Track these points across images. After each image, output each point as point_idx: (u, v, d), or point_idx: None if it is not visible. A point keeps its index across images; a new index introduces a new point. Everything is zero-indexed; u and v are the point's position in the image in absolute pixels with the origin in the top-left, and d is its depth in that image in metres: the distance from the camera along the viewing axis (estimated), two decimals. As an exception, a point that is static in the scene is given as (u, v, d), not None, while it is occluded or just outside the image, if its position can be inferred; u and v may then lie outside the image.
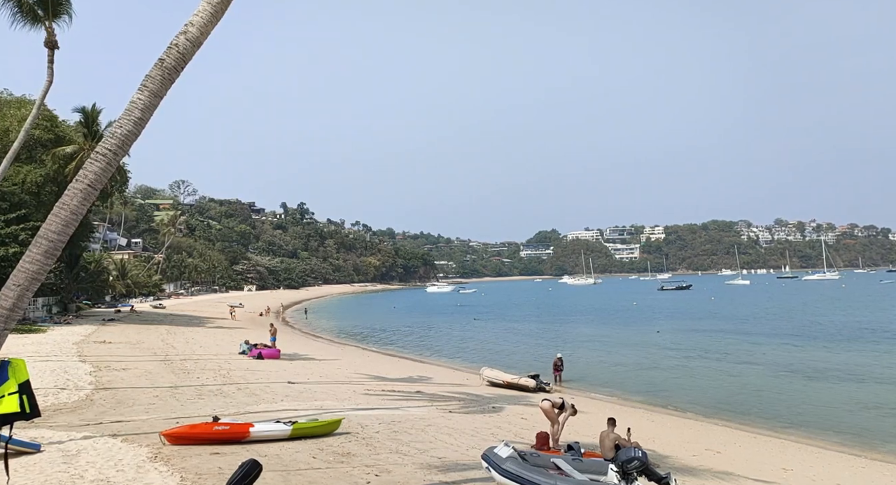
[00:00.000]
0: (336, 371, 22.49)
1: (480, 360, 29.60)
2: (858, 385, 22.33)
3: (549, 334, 44.43)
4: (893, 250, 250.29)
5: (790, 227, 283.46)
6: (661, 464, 10.05)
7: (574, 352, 34.45)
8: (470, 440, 11.37)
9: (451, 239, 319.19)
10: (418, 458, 9.50)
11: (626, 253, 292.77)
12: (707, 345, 34.98)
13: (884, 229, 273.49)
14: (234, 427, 9.66)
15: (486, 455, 7.85)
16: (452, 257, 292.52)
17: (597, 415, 14.54)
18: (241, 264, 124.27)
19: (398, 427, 11.92)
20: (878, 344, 32.95)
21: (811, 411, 18.72)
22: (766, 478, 10.80)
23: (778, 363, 27.57)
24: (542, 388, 21.03)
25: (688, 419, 18.19)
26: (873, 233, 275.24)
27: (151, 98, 7.29)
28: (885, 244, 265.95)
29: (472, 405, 16.38)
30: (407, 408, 14.68)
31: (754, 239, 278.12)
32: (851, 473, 12.36)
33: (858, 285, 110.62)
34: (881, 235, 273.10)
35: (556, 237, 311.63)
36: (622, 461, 8.29)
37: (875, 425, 17.08)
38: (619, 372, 27.11)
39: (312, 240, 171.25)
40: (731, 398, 20.97)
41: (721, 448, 13.41)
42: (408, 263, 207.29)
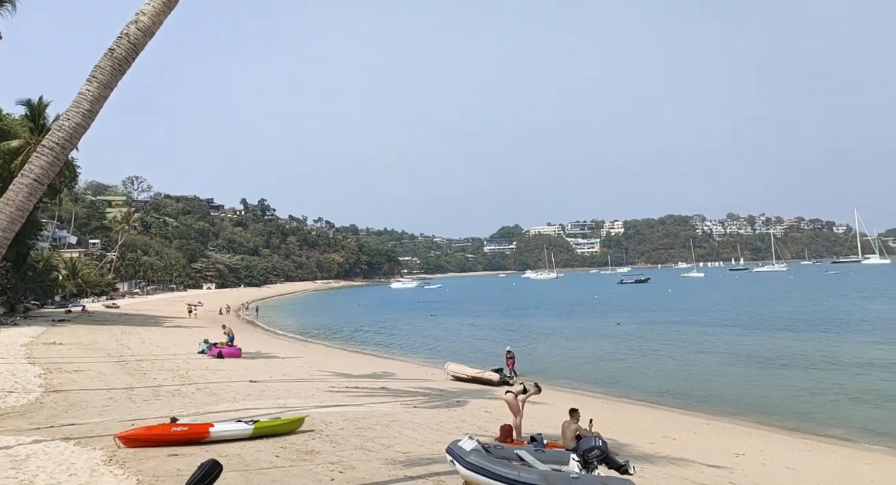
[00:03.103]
0: (299, 369, 22.23)
1: (445, 355, 29.71)
2: (805, 371, 23.30)
3: (513, 328, 44.90)
4: (837, 243, 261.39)
5: (741, 221, 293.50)
6: (620, 452, 10.29)
7: (537, 345, 34.96)
8: (434, 435, 11.42)
9: (415, 235, 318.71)
10: (383, 453, 9.49)
11: (587, 247, 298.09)
12: (665, 336, 35.95)
13: (828, 222, 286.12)
14: (193, 428, 9.45)
15: (450, 449, 7.89)
16: (417, 253, 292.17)
17: (559, 406, 14.77)
18: (200, 262, 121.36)
19: (362, 424, 11.87)
20: (824, 332, 34.45)
21: (761, 398, 19.46)
22: (719, 463, 11.19)
23: (730, 352, 28.55)
24: (506, 381, 21.22)
25: (646, 408, 18.67)
26: (819, 226, 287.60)
27: (101, 89, 7.04)
28: (829, 237, 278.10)
29: (436, 400, 16.44)
30: (371, 404, 14.63)
31: (708, 233, 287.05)
32: (799, 455, 12.92)
33: (805, 277, 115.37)
34: (826, 228, 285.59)
35: (519, 233, 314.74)
36: (583, 451, 8.47)
37: (819, 408, 17.87)
38: (581, 364, 27.62)
39: (274, 237, 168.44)
40: (686, 387, 21.61)
41: (677, 435, 13.82)
42: (372, 260, 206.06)
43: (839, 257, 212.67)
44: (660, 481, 9.24)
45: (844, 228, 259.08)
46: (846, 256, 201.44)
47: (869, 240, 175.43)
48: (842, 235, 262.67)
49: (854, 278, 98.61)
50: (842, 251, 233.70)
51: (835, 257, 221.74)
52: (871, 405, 17.89)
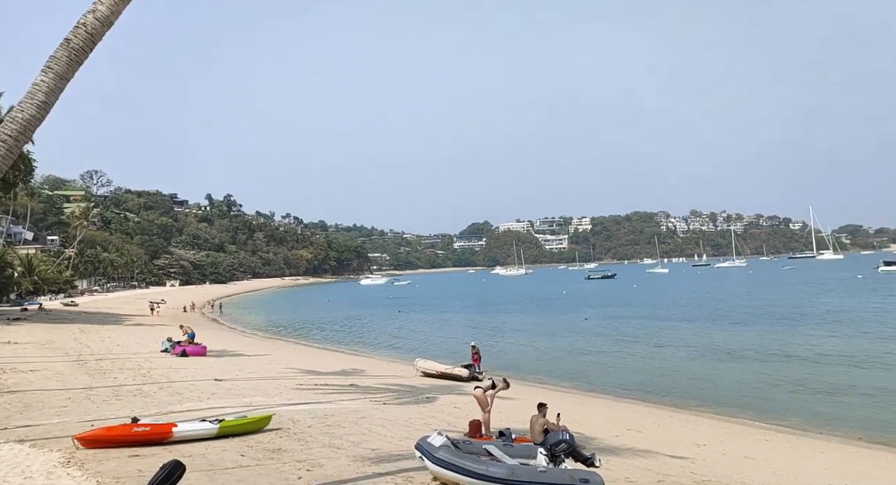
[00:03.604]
0: (266, 367, 21.94)
1: (415, 351, 29.73)
2: (761, 364, 24.04)
3: (483, 324, 45.14)
4: (794, 239, 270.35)
5: (704, 217, 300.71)
6: (587, 445, 10.47)
7: (506, 340, 35.24)
8: (403, 431, 11.41)
9: (384, 231, 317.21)
10: (351, 451, 9.44)
11: (556, 244, 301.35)
12: (630, 330, 36.64)
13: (785, 219, 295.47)
14: (156, 428, 9.25)
15: (419, 445, 7.90)
16: (386, 249, 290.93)
17: (527, 401, 14.90)
18: (163, 259, 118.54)
19: (331, 421, 11.79)
20: (779, 326, 35.59)
21: (721, 390, 20.01)
22: (682, 454, 11.47)
23: (692, 346, 29.27)
24: (475, 377, 21.32)
25: (612, 401, 19.01)
26: (776, 222, 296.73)
27: (57, 81, 6.80)
28: (786, 233, 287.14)
29: (406, 396, 16.43)
30: (340, 401, 14.54)
31: (672, 229, 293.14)
32: (756, 444, 13.34)
33: (763, 272, 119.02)
34: (783, 225, 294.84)
35: (489, 229, 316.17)
36: (551, 444, 8.58)
37: (775, 399, 18.48)
38: (550, 359, 27.95)
39: (240, 233, 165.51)
40: (651, 380, 22.09)
41: (642, 428, 14.12)
42: (341, 256, 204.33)
43: (795, 253, 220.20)
44: (625, 472, 9.43)
45: (800, 224, 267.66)
46: (802, 252, 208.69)
47: (823, 236, 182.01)
48: (798, 231, 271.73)
49: (808, 273, 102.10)
50: (798, 247, 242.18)
51: (791, 253, 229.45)
52: (822, 396, 18.57)
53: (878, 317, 37.22)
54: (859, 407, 17.10)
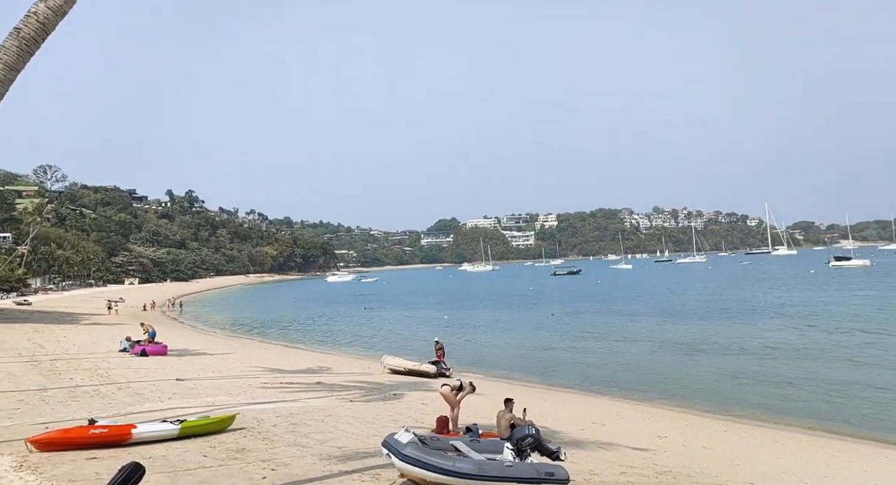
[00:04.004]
0: (230, 366, 21.55)
1: (382, 348, 29.62)
2: (720, 357, 24.76)
3: (450, 320, 45.26)
4: (751, 235, 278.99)
5: (666, 214, 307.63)
6: (552, 439, 10.61)
7: (473, 336, 35.41)
8: (371, 428, 11.37)
9: (351, 228, 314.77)
10: (318, 449, 9.37)
11: (522, 240, 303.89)
12: (595, 326, 37.26)
13: (743, 216, 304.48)
14: (114, 429, 8.99)
15: (386, 442, 7.89)
16: (353, 246, 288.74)
17: (494, 396, 15.04)
18: (121, 256, 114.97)
19: (297, 420, 11.67)
20: (736, 320, 36.70)
21: (682, 383, 20.54)
22: (644, 446, 11.74)
23: (654, 340, 29.94)
24: (443, 373, 21.39)
25: (577, 396, 19.31)
26: (734, 219, 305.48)
27: (6, 71, 6.52)
28: (744, 229, 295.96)
29: (373, 393, 16.36)
30: (306, 400, 14.39)
31: (636, 226, 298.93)
32: (715, 435, 13.74)
33: (722, 267, 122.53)
34: (741, 222, 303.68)
35: (456, 225, 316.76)
36: (517, 439, 8.67)
37: (735, 391, 19.05)
38: (516, 354, 28.22)
39: (203, 229, 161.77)
40: (615, 374, 22.51)
41: (606, 421, 14.39)
42: (307, 253, 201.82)
43: (752, 249, 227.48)
44: (589, 465, 9.60)
45: (757, 221, 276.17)
46: (758, 248, 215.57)
47: (778, 232, 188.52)
48: (754, 228, 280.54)
49: (764, 268, 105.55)
50: (754, 243, 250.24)
51: (748, 249, 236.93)
52: (776, 387, 19.22)
53: (828, 311, 38.70)
54: (810, 397, 17.77)
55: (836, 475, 10.36)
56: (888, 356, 22.75)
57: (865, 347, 24.88)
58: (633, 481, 8.80)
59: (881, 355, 23.06)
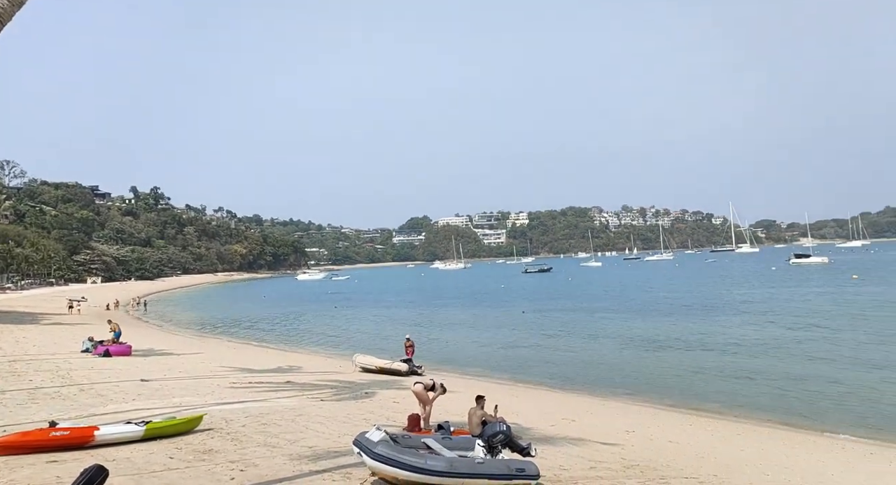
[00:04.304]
0: (198, 365, 21.16)
1: (353, 346, 29.46)
2: (686, 353, 25.31)
3: (422, 318, 45.25)
4: (716, 233, 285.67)
5: (634, 212, 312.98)
6: (523, 435, 10.70)
7: (445, 334, 35.48)
8: (342, 427, 11.31)
9: (322, 226, 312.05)
10: (288, 449, 9.27)
11: (494, 238, 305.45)
12: (565, 323, 37.70)
13: (708, 214, 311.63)
14: (76, 432, 8.75)
15: (357, 441, 7.86)
16: (324, 244, 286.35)
17: (466, 394, 15.09)
18: (84, 254, 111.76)
19: (266, 420, 11.53)
20: (701, 316, 37.59)
21: (649, 378, 20.94)
22: (612, 441, 11.94)
23: (623, 337, 30.45)
24: (415, 371, 21.37)
25: (548, 392, 19.52)
26: (700, 218, 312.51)
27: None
28: (709, 227, 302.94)
29: (344, 392, 16.26)
30: (276, 399, 14.23)
31: (605, 224, 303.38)
32: (681, 429, 14.06)
33: (688, 264, 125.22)
34: (706, 220, 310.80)
35: (428, 223, 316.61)
36: (488, 436, 8.73)
37: (699, 386, 19.50)
38: (488, 351, 28.37)
39: (169, 227, 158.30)
40: (585, 371, 22.83)
41: (576, 417, 14.58)
42: (277, 251, 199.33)
43: (717, 246, 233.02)
44: (559, 460, 9.71)
45: (721, 219, 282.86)
46: (723, 246, 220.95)
47: (742, 230, 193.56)
48: (719, 226, 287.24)
49: (728, 266, 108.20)
50: (719, 241, 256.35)
51: (713, 246, 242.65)
52: (737, 382, 19.75)
53: (787, 307, 39.85)
54: (769, 392, 18.28)
55: (795, 467, 10.70)
56: (841, 351, 23.55)
57: (821, 343, 25.71)
58: (601, 475, 8.94)
59: (835, 350, 23.86)
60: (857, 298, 42.53)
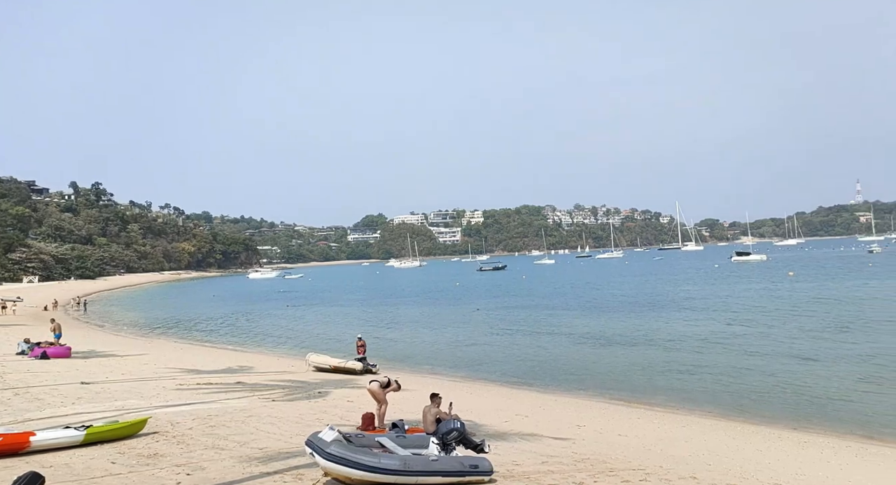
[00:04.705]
0: (142, 367, 20.43)
1: (306, 346, 29.03)
2: (634, 348, 26.01)
3: (377, 316, 45.00)
4: (663, 231, 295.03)
5: (586, 211, 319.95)
6: (477, 432, 10.81)
7: (400, 332, 35.39)
8: (294, 428, 11.14)
9: (275, 223, 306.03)
10: (237, 451, 9.07)
11: (449, 236, 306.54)
12: (519, 320, 38.18)
13: (656, 213, 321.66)
14: (9, 438, 8.32)
15: (309, 441, 7.76)
16: (277, 242, 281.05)
17: (421, 392, 15.11)
18: (19, 252, 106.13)
19: (215, 421, 11.24)
20: (650, 312, 38.76)
21: (599, 373, 21.44)
22: (564, 435, 12.18)
23: (575, 333, 31.08)
24: (369, 370, 21.24)
25: (502, 388, 19.72)
26: (649, 217, 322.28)
27: None
28: (657, 226, 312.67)
29: (297, 392, 16.02)
30: (225, 400, 13.89)
31: (558, 222, 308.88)
32: (630, 423, 14.45)
33: (637, 262, 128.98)
34: (654, 219, 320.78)
35: (383, 221, 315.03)
36: (442, 433, 8.78)
37: (646, 380, 20.09)
38: (442, 349, 28.45)
39: (112, 224, 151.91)
40: (538, 367, 23.18)
41: (529, 413, 14.80)
42: (227, 249, 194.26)
43: (664, 245, 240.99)
44: (512, 456, 9.84)
45: (669, 218, 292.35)
46: (670, 244, 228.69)
47: (687, 229, 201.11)
48: (666, 224, 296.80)
49: (674, 263, 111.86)
50: (666, 239, 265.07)
51: (661, 245, 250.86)
52: (683, 375, 20.44)
53: (727, 303, 41.50)
54: (711, 385, 18.99)
55: (736, 456, 11.16)
56: (776, 345, 24.65)
57: (758, 337, 26.85)
58: (553, 469, 9.10)
59: (771, 344, 24.95)
60: (791, 294, 44.71)
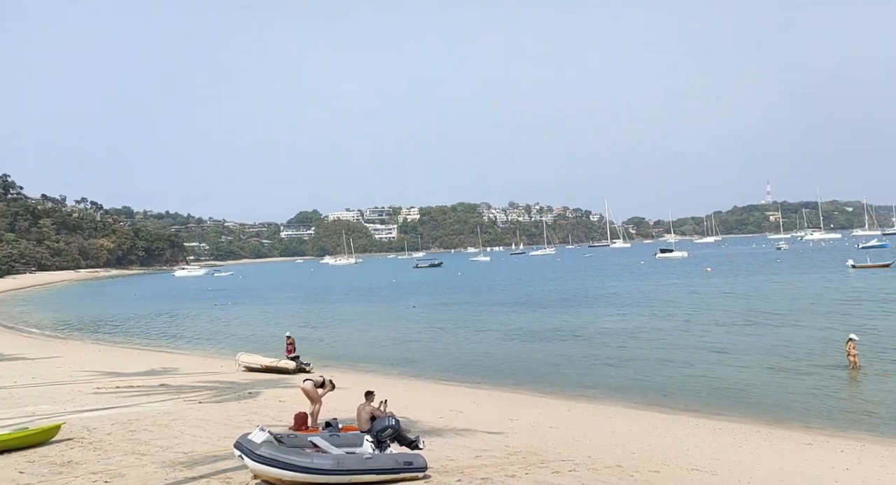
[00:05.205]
0: (56, 370, 19.18)
1: (236, 345, 28.12)
2: (564, 343, 26.77)
3: (311, 315, 44.17)
4: (593, 229, 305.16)
5: (520, 209, 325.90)
6: (412, 428, 10.83)
7: (336, 330, 34.90)
8: (222, 430, 10.78)
9: (203, 219, 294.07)
10: (160, 456, 8.68)
11: (385, 233, 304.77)
12: (455, 316, 38.49)
13: (586, 211, 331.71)
14: None
15: (238, 443, 7.54)
16: (205, 239, 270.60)
17: (355, 390, 14.96)
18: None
19: (136, 426, 10.71)
20: (580, 307, 40.04)
21: (531, 367, 21.94)
22: (497, 429, 12.41)
23: (508, 329, 31.64)
24: (303, 369, 20.83)
25: (438, 385, 19.85)
26: (580, 215, 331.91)
27: None
28: (587, 224, 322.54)
29: (226, 393, 15.50)
30: (148, 404, 13.27)
31: (493, 220, 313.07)
32: (561, 415, 14.89)
33: (568, 259, 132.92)
34: (585, 217, 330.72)
35: (318, 218, 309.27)
36: (377, 431, 8.77)
37: (575, 373, 20.71)
38: (378, 347, 28.28)
39: (21, 219, 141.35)
40: (472, 362, 23.46)
41: (463, 408, 14.96)
42: (151, 246, 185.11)
43: (594, 242, 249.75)
44: (447, 451, 9.92)
45: (598, 216, 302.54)
46: (599, 241, 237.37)
47: (616, 227, 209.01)
48: (596, 222, 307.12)
49: (603, 260, 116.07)
50: (596, 236, 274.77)
51: (591, 242, 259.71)
52: (612, 368, 21.22)
53: (651, 298, 43.44)
54: (635, 376, 19.83)
55: (658, 444, 11.72)
56: (692, 338, 26.01)
57: (677, 331, 28.25)
58: (486, 463, 9.25)
59: (688, 337, 26.30)
60: (708, 290, 47.34)
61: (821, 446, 12.00)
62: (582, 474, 8.88)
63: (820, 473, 9.86)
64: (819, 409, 15.11)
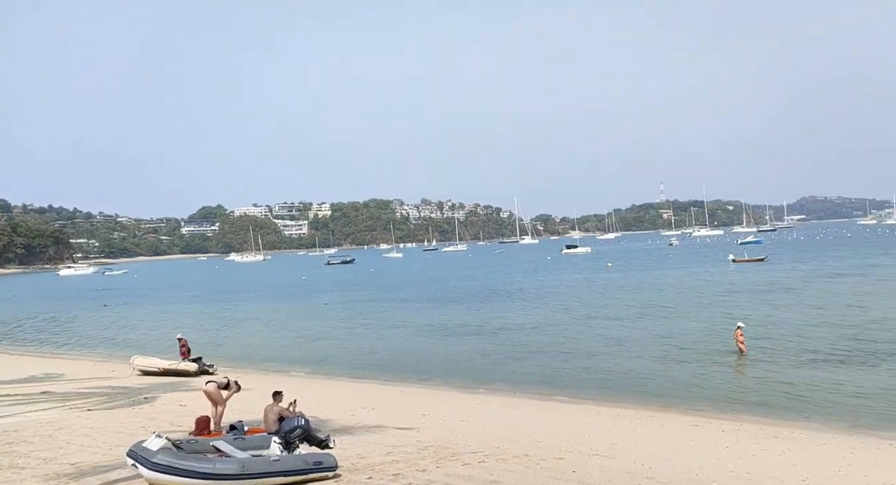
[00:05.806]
0: (-88, 383, 17.04)
1: (131, 348, 26.35)
2: (473, 337, 27.29)
3: (215, 314, 42.21)
4: (504, 226, 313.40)
5: (433, 205, 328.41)
6: (322, 428, 10.64)
7: (242, 330, 33.57)
8: (114, 438, 10.07)
9: (91, 214, 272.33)
10: (42, 469, 7.98)
11: (295, 229, 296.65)
12: (367, 313, 38.16)
13: (497, 208, 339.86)
14: None
15: (132, 451, 7.08)
16: (95, 235, 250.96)
17: (262, 390, 14.47)
18: None
19: (13, 438, 9.79)
20: (489, 302, 40.99)
21: (441, 362, 22.20)
22: (409, 425, 12.46)
23: (420, 325, 31.82)
24: (206, 370, 19.85)
25: (349, 383, 19.61)
26: (491, 212, 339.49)
27: None
28: (498, 221, 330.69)
29: (118, 399, 14.49)
30: (27, 413, 12.15)
31: (406, 216, 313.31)
32: (470, 408, 15.18)
33: (480, 255, 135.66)
34: (495, 213, 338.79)
35: (223, 213, 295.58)
36: (285, 432, 8.54)
37: (484, 367, 21.16)
38: (288, 346, 27.52)
39: None
40: (384, 359, 23.40)
41: (374, 405, 14.88)
42: (31, 243, 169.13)
43: (504, 238, 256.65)
44: (358, 449, 9.84)
45: (508, 213, 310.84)
46: (509, 237, 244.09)
47: (524, 224, 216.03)
48: (506, 219, 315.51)
49: (512, 256, 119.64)
50: (506, 233, 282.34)
51: (501, 238, 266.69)
52: (518, 361, 21.84)
53: (554, 293, 45.23)
54: (540, 368, 20.54)
55: (562, 432, 12.25)
56: (592, 330, 27.36)
57: (578, 323, 29.57)
58: (398, 459, 9.27)
59: (587, 330, 27.60)
60: (607, 283, 50.03)
61: (705, 426, 13.05)
62: (491, 465, 9.11)
63: (704, 451, 10.71)
64: (704, 393, 16.42)
